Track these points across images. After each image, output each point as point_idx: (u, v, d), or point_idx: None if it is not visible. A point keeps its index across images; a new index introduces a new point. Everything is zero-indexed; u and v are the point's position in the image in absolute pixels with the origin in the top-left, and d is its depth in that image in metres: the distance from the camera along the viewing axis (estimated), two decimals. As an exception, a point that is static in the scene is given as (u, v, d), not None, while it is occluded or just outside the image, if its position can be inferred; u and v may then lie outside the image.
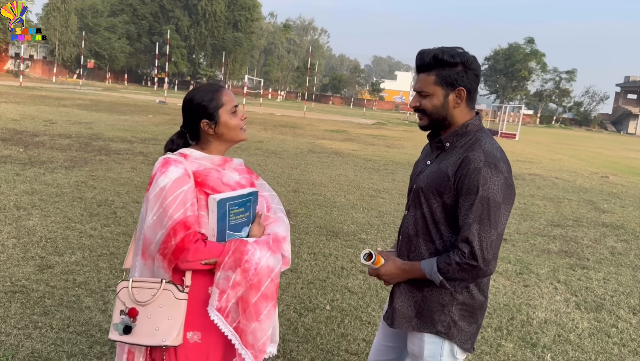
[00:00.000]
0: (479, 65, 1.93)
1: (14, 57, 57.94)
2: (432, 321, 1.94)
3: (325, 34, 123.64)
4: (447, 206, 1.88)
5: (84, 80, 57.63)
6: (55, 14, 61.79)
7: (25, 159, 8.84)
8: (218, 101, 1.89)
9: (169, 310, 1.76)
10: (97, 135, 13.15)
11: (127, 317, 1.78)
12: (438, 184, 1.88)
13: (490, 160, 1.81)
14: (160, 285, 1.77)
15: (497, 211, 1.79)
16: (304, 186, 9.03)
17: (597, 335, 4.07)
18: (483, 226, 1.78)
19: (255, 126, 20.86)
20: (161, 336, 1.75)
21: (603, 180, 14.15)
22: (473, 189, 1.79)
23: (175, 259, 1.75)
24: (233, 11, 79.09)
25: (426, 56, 1.90)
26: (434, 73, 1.89)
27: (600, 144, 37.41)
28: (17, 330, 3.27)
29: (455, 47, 1.91)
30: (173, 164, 1.80)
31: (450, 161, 1.89)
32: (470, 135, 1.93)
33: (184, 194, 1.75)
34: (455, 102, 1.91)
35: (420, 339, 1.99)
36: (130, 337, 1.77)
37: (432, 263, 1.88)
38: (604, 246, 6.85)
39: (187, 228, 1.74)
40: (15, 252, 4.57)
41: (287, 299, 4.17)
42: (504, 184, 1.81)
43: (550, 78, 79.94)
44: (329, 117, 37.65)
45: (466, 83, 1.89)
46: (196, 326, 1.82)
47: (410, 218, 2.01)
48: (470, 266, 1.79)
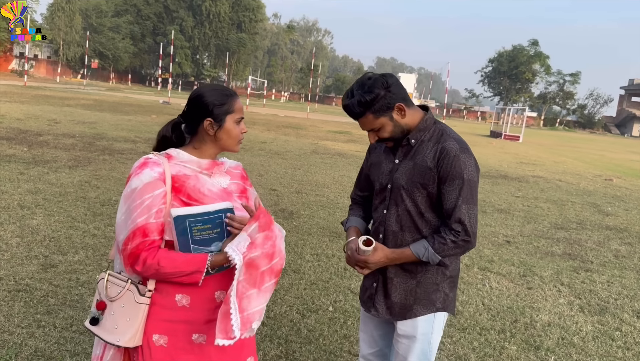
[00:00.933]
0: (392, 75, 2.03)
1: (19, 56, 58.15)
2: (430, 301, 2.12)
3: (328, 35, 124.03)
4: (431, 195, 2.04)
5: (88, 80, 57.74)
6: (59, 14, 62.04)
7: (29, 159, 8.86)
8: (229, 107, 1.87)
9: (129, 311, 1.77)
10: (101, 135, 13.17)
11: (96, 309, 1.81)
12: (421, 178, 2.03)
13: (463, 146, 2.02)
14: (126, 284, 1.78)
15: (476, 190, 2.03)
16: (307, 187, 9.02)
17: (601, 338, 4.06)
18: (470, 205, 1.99)
19: (259, 127, 20.87)
20: (117, 335, 1.76)
21: (607, 183, 14.11)
22: (458, 175, 1.98)
23: (129, 264, 1.75)
24: (237, 12, 79.25)
25: (353, 108, 2.01)
26: (369, 113, 2.01)
27: (604, 146, 37.30)
28: (21, 329, 3.28)
29: (364, 77, 2.03)
30: (149, 167, 1.77)
31: (426, 155, 2.04)
32: (430, 128, 2.09)
33: (151, 200, 1.73)
34: (401, 115, 2.04)
35: (412, 320, 2.12)
36: (95, 328, 1.81)
37: (424, 246, 2.03)
38: (607, 249, 6.82)
39: (145, 235, 1.73)
40: (19, 251, 4.58)
41: (290, 300, 4.17)
42: (475, 165, 2.03)
43: (554, 80, 79.85)
44: (332, 118, 37.65)
45: (397, 98, 2.01)
46: (163, 330, 1.80)
47: (392, 215, 2.12)
48: (465, 242, 2.00)
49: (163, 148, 1.92)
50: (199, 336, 1.83)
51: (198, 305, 1.82)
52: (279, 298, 4.16)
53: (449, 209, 2.00)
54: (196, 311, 1.82)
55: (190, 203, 1.79)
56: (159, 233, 1.75)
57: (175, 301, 1.80)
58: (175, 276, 1.75)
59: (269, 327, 3.66)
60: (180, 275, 1.74)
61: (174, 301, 1.80)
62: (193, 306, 1.82)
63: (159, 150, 1.92)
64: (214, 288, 1.85)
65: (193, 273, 1.75)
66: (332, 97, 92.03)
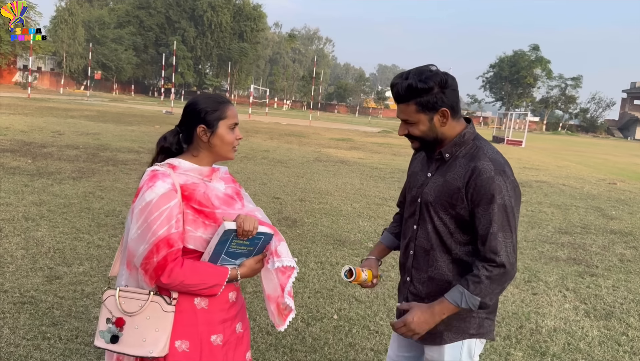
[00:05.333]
0: (453, 78, 1.89)
1: (22, 69, 58.47)
2: (462, 328, 1.94)
3: (330, 43, 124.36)
4: (460, 216, 1.89)
5: (91, 91, 58.02)
6: (62, 26, 62.42)
7: (34, 170, 8.90)
8: (222, 113, 1.90)
9: (157, 321, 1.78)
10: (105, 146, 13.23)
11: (114, 326, 1.80)
12: (449, 197, 1.89)
13: (498, 167, 1.84)
14: (148, 297, 1.78)
15: (513, 216, 1.84)
16: (310, 194, 9.03)
17: (607, 343, 4.04)
18: (505, 233, 1.81)
19: (261, 135, 20.92)
20: (148, 347, 1.76)
21: (610, 187, 14.07)
22: (490, 199, 1.81)
23: (157, 276, 1.76)
24: (239, 22, 79.61)
25: (400, 88, 1.88)
26: (413, 103, 1.88)
27: (607, 150, 37.23)
28: (26, 341, 3.28)
29: (426, 66, 1.88)
30: (161, 178, 1.79)
31: (457, 173, 1.89)
32: (468, 143, 1.94)
33: (169, 211, 1.75)
34: (441, 122, 1.90)
35: (439, 346, 1.98)
36: (117, 346, 1.79)
37: (460, 291, 1.84)
38: (612, 253, 6.80)
39: (170, 246, 1.74)
40: (24, 263, 4.59)
41: (295, 308, 4.15)
42: (513, 188, 1.85)
43: (556, 85, 79.83)
44: (335, 125, 37.71)
45: (446, 103, 1.87)
46: (184, 335, 1.83)
47: (423, 232, 1.99)
48: (501, 275, 1.82)
49: (162, 159, 1.95)
50: (217, 337, 1.89)
51: (216, 307, 1.89)
52: (283, 307, 4.15)
53: (482, 236, 1.83)
54: (214, 313, 1.89)
55: (202, 210, 1.83)
56: (181, 242, 1.79)
57: (195, 305, 1.85)
58: (197, 288, 1.80)
59: (273, 336, 3.65)
60: (203, 287, 1.81)
61: (193, 305, 1.85)
62: (212, 309, 1.88)
63: (157, 160, 1.95)
64: (228, 290, 1.93)
65: (214, 286, 1.82)
66: (334, 104, 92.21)
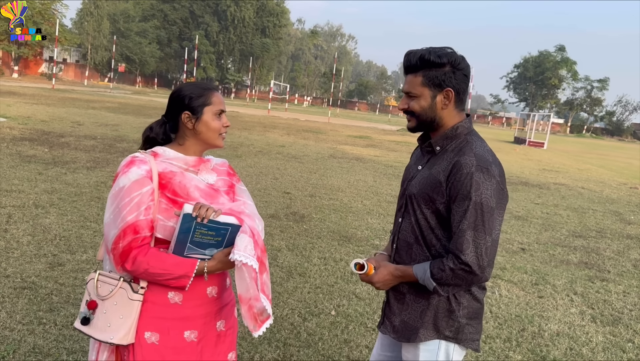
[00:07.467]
0: (468, 65, 1.86)
1: (48, 60, 59.45)
2: (438, 328, 1.89)
3: (352, 40, 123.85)
4: (440, 212, 1.83)
5: (115, 83, 58.80)
6: (88, 18, 63.24)
7: (49, 159, 9.03)
8: (207, 99, 1.87)
9: (122, 308, 1.77)
10: (122, 137, 13.37)
11: (87, 309, 1.81)
12: (430, 190, 1.84)
13: (482, 164, 1.76)
14: (117, 282, 1.79)
15: (490, 217, 1.75)
16: (321, 190, 9.00)
17: (611, 350, 3.93)
18: (477, 232, 1.74)
19: (279, 131, 20.95)
20: (110, 333, 1.76)
21: (632, 191, 13.75)
22: (466, 195, 1.74)
23: (122, 261, 1.75)
24: (261, 17, 79.76)
25: (413, 57, 1.85)
26: (420, 74, 1.84)
27: (632, 154, 36.42)
28: (22, 326, 3.32)
29: (444, 47, 1.86)
30: (136, 165, 1.78)
31: (441, 166, 1.84)
32: (460, 138, 1.88)
33: (140, 197, 1.73)
34: (443, 103, 1.86)
35: (415, 347, 1.94)
36: (87, 328, 1.81)
37: (424, 268, 1.83)
38: (627, 258, 6.63)
39: (136, 233, 1.73)
40: (29, 249, 4.65)
41: (293, 303, 4.14)
42: (497, 189, 1.77)
43: (582, 87, 78.46)
44: (354, 123, 37.58)
45: (454, 84, 1.83)
46: (154, 328, 1.80)
47: (406, 225, 1.96)
48: (465, 273, 1.75)
49: (150, 147, 1.93)
50: (191, 333, 1.84)
51: (191, 302, 1.84)
52: (281, 301, 4.13)
53: (453, 232, 1.78)
54: (189, 308, 1.84)
55: (176, 200, 1.79)
56: (149, 230, 1.76)
57: (168, 299, 1.81)
58: (163, 278, 1.76)
59: (268, 330, 3.63)
60: (168, 277, 1.76)
61: (166, 299, 1.81)
62: (186, 304, 1.83)
63: (145, 149, 1.92)
64: (206, 285, 1.87)
65: (181, 277, 1.76)
66: (354, 102, 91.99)
